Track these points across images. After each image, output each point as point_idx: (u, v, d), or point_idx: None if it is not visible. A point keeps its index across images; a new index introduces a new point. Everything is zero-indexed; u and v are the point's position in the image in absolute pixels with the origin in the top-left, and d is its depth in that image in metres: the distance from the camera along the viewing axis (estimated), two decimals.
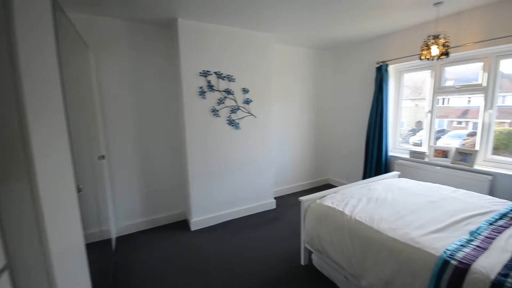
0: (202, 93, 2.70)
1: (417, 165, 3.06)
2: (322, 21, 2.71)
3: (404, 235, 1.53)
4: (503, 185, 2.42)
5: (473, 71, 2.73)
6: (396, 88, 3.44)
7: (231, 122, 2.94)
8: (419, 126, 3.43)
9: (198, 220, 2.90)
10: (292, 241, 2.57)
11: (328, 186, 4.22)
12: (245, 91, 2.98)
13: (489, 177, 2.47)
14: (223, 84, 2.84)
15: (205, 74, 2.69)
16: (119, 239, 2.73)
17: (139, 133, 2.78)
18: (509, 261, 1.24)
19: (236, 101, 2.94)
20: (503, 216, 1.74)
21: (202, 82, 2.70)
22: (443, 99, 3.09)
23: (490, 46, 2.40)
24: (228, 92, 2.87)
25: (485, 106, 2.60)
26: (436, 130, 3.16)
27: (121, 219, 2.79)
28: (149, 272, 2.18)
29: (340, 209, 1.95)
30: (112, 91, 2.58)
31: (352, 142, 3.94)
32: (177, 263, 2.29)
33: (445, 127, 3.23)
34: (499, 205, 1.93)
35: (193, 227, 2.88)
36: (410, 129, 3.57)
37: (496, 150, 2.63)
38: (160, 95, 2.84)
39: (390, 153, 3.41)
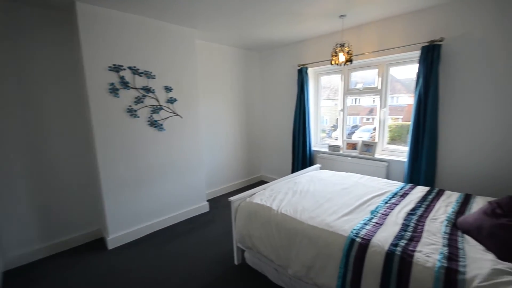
0: (113, 90, 2.36)
1: (334, 157, 3.45)
2: (245, 22, 2.75)
3: (321, 222, 1.67)
4: (396, 169, 2.96)
5: (373, 76, 3.25)
6: (316, 89, 3.81)
7: (153, 123, 2.68)
8: (337, 122, 3.90)
9: (117, 236, 2.53)
10: (226, 242, 2.52)
11: (261, 183, 4.35)
12: (168, 89, 2.76)
13: (385, 163, 2.98)
14: (140, 81, 2.55)
15: (116, 69, 2.36)
16: (9, 273, 2.15)
17: (30, 140, 2.24)
18: (398, 233, 1.50)
19: (158, 100, 2.69)
20: (394, 195, 2.11)
21: (113, 78, 2.36)
22: (355, 99, 3.57)
23: (382, 55, 2.90)
24: (147, 90, 2.59)
25: (380, 105, 3.13)
26: (351, 125, 3.66)
27: (10, 248, 2.20)
28: None
29: (268, 204, 2.00)
30: None
31: (281, 139, 4.17)
32: None
33: (358, 123, 3.74)
34: (392, 186, 2.34)
35: (111, 245, 2.50)
36: (332, 125, 4.01)
37: (393, 140, 3.20)
38: (61, 92, 2.36)
39: (313, 148, 3.76)
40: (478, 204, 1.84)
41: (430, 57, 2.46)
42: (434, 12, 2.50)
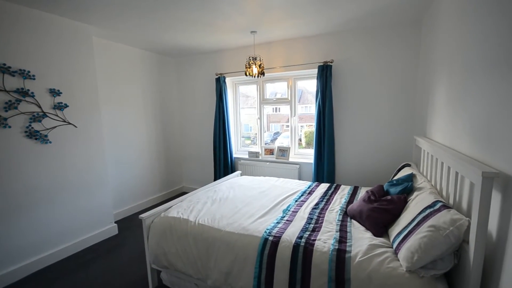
0: None
1: (254, 163, 3.62)
2: (153, 26, 2.59)
3: (238, 227, 1.70)
4: (306, 170, 3.34)
5: (285, 87, 3.61)
6: (234, 98, 3.94)
7: (33, 134, 2.14)
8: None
9: None
10: (139, 265, 2.24)
11: (183, 194, 4.10)
12: (54, 92, 2.28)
13: (297, 166, 3.33)
14: (13, 82, 2.02)
15: None
16: None
17: None
18: (303, 226, 1.67)
19: (40, 106, 2.18)
20: (303, 193, 2.36)
21: None
22: (276, 108, 3.85)
23: (289, 70, 3.28)
24: (23, 93, 2.07)
25: (291, 113, 3.51)
26: (273, 132, 3.92)
27: None
28: None
29: (185, 217, 1.90)
30: None
31: (202, 148, 4.09)
32: None
33: (279, 130, 4.05)
34: (302, 185, 2.63)
35: None
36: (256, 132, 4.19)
37: (308, 144, 3.61)
38: None
39: (234, 155, 3.84)
40: (362, 193, 2.26)
41: (325, 75, 2.94)
42: (325, 38, 3.02)
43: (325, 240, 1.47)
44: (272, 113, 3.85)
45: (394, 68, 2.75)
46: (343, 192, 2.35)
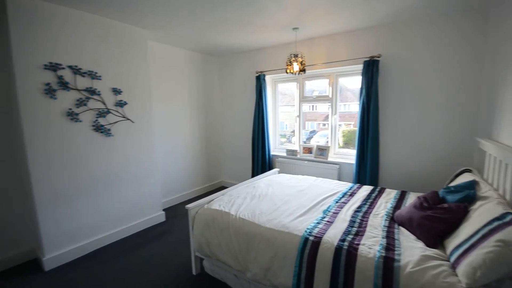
0: (50, 91, 2.09)
1: (291, 161, 3.60)
2: (202, 27, 2.73)
3: (277, 224, 1.72)
4: (346, 171, 3.21)
5: (325, 85, 3.51)
6: (273, 95, 3.95)
7: (99, 128, 2.44)
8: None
9: (55, 256, 2.22)
10: (183, 252, 2.41)
11: (222, 188, 4.29)
12: (116, 91, 2.56)
13: (337, 166, 3.22)
14: (83, 82, 2.31)
15: (53, 67, 2.10)
16: None
17: None
18: (346, 229, 1.62)
19: (104, 103, 2.48)
20: (344, 194, 2.28)
21: (49, 77, 2.10)
22: (312, 106, 3.79)
23: (331, 67, 3.16)
24: (91, 91, 2.36)
25: (332, 112, 3.39)
26: (309, 131, 3.87)
27: None
28: None
29: (226, 210, 1.98)
30: None
31: (241, 145, 4.20)
32: None
33: (315, 128, 3.97)
34: (342, 186, 2.54)
35: (48, 267, 2.18)
36: (292, 130, 4.18)
37: (346, 144, 3.48)
38: None
39: (272, 153, 3.86)
40: (411, 199, 2.10)
41: (371, 71, 2.77)
42: (372, 31, 2.84)
43: (370, 246, 1.40)
44: (308, 111, 3.77)
45: (452, 62, 2.46)
46: (389, 196, 2.21)
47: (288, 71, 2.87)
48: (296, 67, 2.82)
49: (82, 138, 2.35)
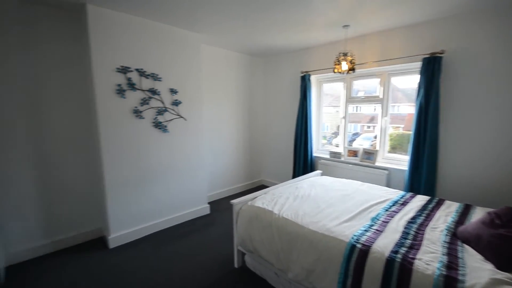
0: (120, 91, 2.40)
1: (335, 164, 3.48)
2: (251, 29, 2.81)
3: (322, 227, 1.69)
4: (396, 177, 2.98)
5: (374, 85, 3.30)
6: (318, 96, 3.86)
7: (158, 125, 2.72)
8: (339, 129, 3.93)
9: (118, 235, 2.55)
10: (226, 245, 2.53)
11: (262, 187, 4.37)
12: (173, 91, 2.81)
13: (386, 172, 3.01)
14: (147, 83, 2.60)
15: (124, 70, 2.41)
16: (11, 268, 2.16)
17: (35, 136, 2.27)
18: (398, 240, 1.52)
19: (163, 102, 2.74)
20: (395, 203, 2.13)
21: (120, 79, 2.41)
22: (356, 107, 3.61)
23: (384, 65, 2.96)
24: (153, 92, 2.64)
25: (382, 113, 3.17)
26: (352, 133, 3.69)
27: (13, 243, 2.22)
28: None
29: (270, 208, 2.02)
30: None
31: (282, 145, 4.20)
32: None
33: (358, 131, 3.78)
34: (393, 194, 2.36)
35: (112, 245, 2.51)
36: (333, 132, 4.05)
37: (394, 149, 3.23)
38: (67, 92, 2.40)
39: (314, 154, 3.78)
40: (478, 214, 1.86)
41: (431, 69, 2.51)
42: (434, 25, 2.56)
43: (428, 262, 1.29)
44: (351, 112, 3.58)
45: None
46: (449, 209, 1.99)
47: (335, 70, 2.78)
48: (344, 66, 2.71)
49: (144, 133, 2.64)
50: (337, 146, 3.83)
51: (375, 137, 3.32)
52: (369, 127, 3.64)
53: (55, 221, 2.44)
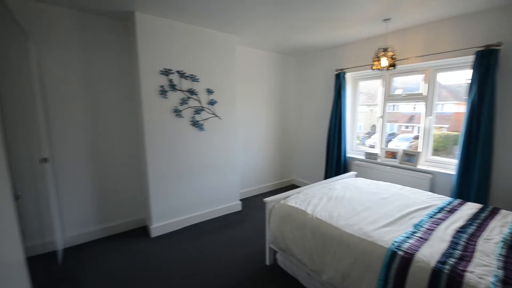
0: (163, 92, 2.57)
1: (371, 165, 3.32)
2: (286, 28, 2.80)
3: (359, 230, 1.64)
4: (441, 182, 2.75)
5: (417, 81, 3.07)
6: (353, 94, 3.71)
7: (195, 123, 2.86)
8: (373, 129, 3.74)
9: (159, 226, 2.74)
10: (257, 242, 2.58)
11: (293, 186, 4.35)
12: (209, 91, 2.93)
13: (430, 175, 2.79)
14: (186, 84, 2.75)
15: (166, 72, 2.57)
16: (68, 250, 2.45)
17: (91, 133, 2.54)
18: (446, 250, 1.41)
19: (200, 102, 2.87)
20: (441, 210, 1.97)
21: (163, 81, 2.58)
22: (393, 105, 3.41)
23: (429, 60, 2.74)
24: (191, 92, 2.78)
25: (426, 113, 2.95)
26: (388, 133, 3.49)
27: (69, 228, 2.52)
28: (102, 285, 1.98)
29: (303, 208, 2.01)
30: (58, 87, 2.33)
31: (314, 144, 4.13)
32: (135, 273, 2.13)
33: (395, 131, 3.56)
34: (438, 200, 2.19)
35: (154, 234, 2.71)
36: (366, 132, 3.87)
37: (436, 151, 2.99)
38: (117, 92, 2.64)
39: (348, 155, 3.65)
40: None
41: (486, 63, 2.26)
42: (489, 15, 2.30)
43: (481, 275, 1.18)
44: (389, 111, 3.37)
45: None
46: (506, 220, 1.78)
47: (374, 67, 2.65)
48: (384, 62, 2.57)
49: (183, 132, 2.80)
50: (371, 146, 3.65)
51: (415, 137, 3.10)
52: (407, 127, 3.41)
53: (106, 210, 2.71)
